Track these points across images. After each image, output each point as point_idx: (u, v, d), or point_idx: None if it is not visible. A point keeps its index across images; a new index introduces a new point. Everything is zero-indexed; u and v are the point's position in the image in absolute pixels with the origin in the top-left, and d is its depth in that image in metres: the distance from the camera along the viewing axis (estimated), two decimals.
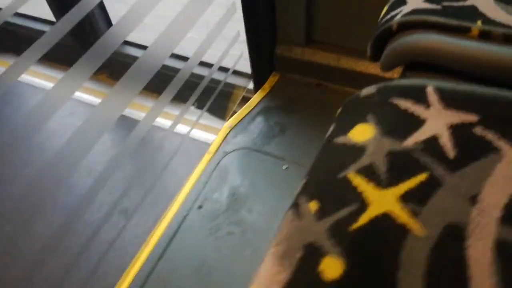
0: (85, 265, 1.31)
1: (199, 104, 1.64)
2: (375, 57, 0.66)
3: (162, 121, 1.76)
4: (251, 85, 1.89)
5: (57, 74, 2.39)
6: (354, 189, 0.40)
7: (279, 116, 1.67)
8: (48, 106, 1.26)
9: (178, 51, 1.87)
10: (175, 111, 1.78)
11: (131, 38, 2.16)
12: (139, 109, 1.78)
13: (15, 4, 1.01)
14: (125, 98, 1.14)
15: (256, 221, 1.39)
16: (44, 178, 1.03)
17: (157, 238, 1.36)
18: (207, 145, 1.75)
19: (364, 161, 0.42)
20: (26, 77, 2.36)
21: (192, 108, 1.86)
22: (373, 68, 1.58)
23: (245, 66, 1.86)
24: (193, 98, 1.49)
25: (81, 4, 1.16)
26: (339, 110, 0.54)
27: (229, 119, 1.70)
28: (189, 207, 1.43)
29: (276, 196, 1.44)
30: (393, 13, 0.62)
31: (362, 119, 0.46)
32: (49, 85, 2.36)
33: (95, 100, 2.18)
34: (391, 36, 0.61)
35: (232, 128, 1.64)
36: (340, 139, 0.46)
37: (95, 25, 2.13)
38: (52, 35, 1.07)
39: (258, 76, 1.80)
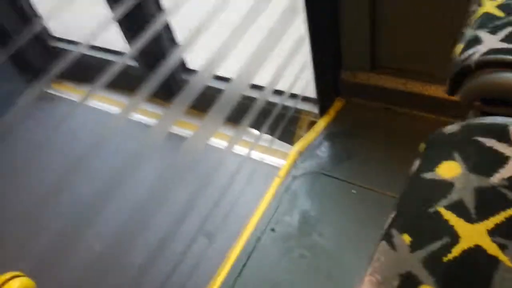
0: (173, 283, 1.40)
1: (269, 130, 1.72)
2: (452, 91, 0.70)
3: (238, 147, 1.85)
4: (316, 110, 1.94)
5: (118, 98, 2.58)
6: (445, 223, 0.44)
7: (346, 140, 1.71)
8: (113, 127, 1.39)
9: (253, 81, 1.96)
10: (248, 138, 1.87)
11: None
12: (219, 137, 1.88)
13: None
14: (212, 128, 1.24)
15: (327, 245, 1.42)
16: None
17: (234, 259, 1.44)
18: (276, 168, 1.82)
19: (453, 196, 0.46)
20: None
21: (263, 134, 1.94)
22: (441, 92, 1.58)
23: (311, 92, 1.92)
24: (266, 124, 1.57)
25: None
26: (422, 146, 0.58)
27: (296, 143, 1.76)
28: (263, 230, 1.50)
29: (346, 220, 1.47)
30: (470, 51, 0.65)
31: (448, 156, 0.51)
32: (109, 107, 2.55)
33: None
34: (469, 74, 0.65)
35: (300, 153, 1.70)
36: (429, 175, 0.50)
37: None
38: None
39: (323, 101, 1.85)
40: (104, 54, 2.70)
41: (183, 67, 2.28)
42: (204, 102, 1.33)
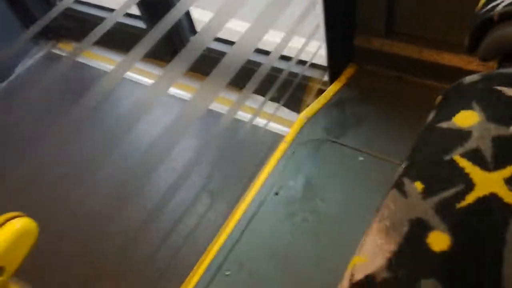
0: (174, 240, 1.42)
1: (275, 97, 1.69)
2: (472, 48, 0.66)
3: (242, 114, 1.83)
4: (325, 78, 1.90)
5: (151, 69, 2.54)
6: (460, 170, 0.42)
7: (356, 107, 1.68)
8: (148, 100, 1.38)
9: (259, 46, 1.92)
10: (253, 104, 1.84)
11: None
12: (222, 102, 1.86)
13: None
14: (212, 92, 1.21)
15: (330, 210, 1.41)
16: (141, 164, 1.14)
17: (235, 221, 1.44)
18: (281, 136, 1.80)
19: (470, 145, 0.44)
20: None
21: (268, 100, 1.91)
22: (457, 61, 1.53)
23: (320, 59, 1.88)
24: (271, 91, 1.54)
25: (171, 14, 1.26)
26: (439, 98, 0.55)
27: (304, 110, 1.73)
28: (266, 193, 1.49)
29: (351, 187, 1.46)
30: (493, 3, 0.62)
31: (466, 105, 0.48)
32: (142, 79, 2.51)
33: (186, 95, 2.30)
34: (491, 27, 0.61)
35: (308, 119, 1.67)
36: (444, 124, 0.48)
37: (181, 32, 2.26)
38: (151, 36, 1.17)
39: (335, 67, 1.81)
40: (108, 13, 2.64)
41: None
42: (206, 63, 1.28)
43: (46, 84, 2.63)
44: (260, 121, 1.89)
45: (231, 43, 1.95)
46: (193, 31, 2.35)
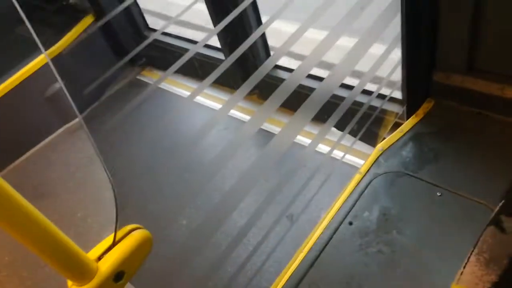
0: (253, 262, 1.49)
1: (351, 129, 1.74)
2: None
3: (321, 145, 1.88)
4: (402, 111, 1.92)
5: (216, 94, 2.72)
6: None
7: (434, 142, 1.68)
8: (211, 121, 1.49)
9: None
10: (330, 136, 1.89)
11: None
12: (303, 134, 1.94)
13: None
14: (299, 127, 1.30)
15: (406, 243, 1.42)
16: (230, 194, 1.24)
17: (310, 246, 1.49)
18: (355, 167, 1.84)
19: None
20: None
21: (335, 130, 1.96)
22: None
23: (397, 92, 1.90)
24: (351, 124, 1.59)
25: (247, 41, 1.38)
26: None
27: (379, 143, 1.77)
28: (340, 222, 1.53)
29: (428, 221, 1.45)
30: None
31: None
32: (209, 102, 2.70)
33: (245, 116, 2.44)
34: None
35: (383, 151, 1.70)
36: None
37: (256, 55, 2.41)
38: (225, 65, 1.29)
39: (412, 102, 1.83)
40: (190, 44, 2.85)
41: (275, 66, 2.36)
42: (294, 100, 1.37)
43: (131, 106, 2.88)
44: (334, 152, 1.94)
45: (320, 79, 2.03)
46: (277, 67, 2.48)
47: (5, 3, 3.22)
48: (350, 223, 1.52)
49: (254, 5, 2.24)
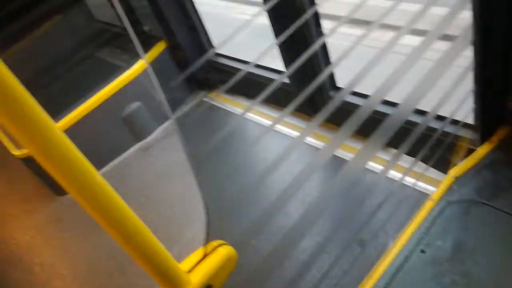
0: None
1: (422, 155, 1.71)
2: None
3: (378, 167, 1.87)
4: (476, 137, 1.87)
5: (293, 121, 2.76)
6: None
7: (509, 170, 1.62)
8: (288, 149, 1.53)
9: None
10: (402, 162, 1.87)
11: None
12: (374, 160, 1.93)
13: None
14: (372, 153, 1.31)
15: (482, 275, 1.37)
16: (300, 222, 1.27)
17: (380, 273, 1.47)
18: (426, 194, 1.80)
19: None
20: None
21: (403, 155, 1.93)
22: None
23: (471, 118, 1.85)
24: (423, 151, 1.57)
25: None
26: None
27: (451, 169, 1.72)
28: (411, 250, 1.51)
29: (506, 253, 1.40)
30: None
31: None
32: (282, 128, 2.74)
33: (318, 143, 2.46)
34: None
35: (456, 179, 1.66)
36: None
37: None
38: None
39: (486, 128, 1.78)
40: (261, 70, 2.93)
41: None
42: (366, 125, 1.38)
43: (200, 125, 3.02)
44: (399, 176, 1.91)
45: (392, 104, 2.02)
46: (334, 86, 2.50)
47: (88, 30, 3.54)
48: (423, 251, 1.50)
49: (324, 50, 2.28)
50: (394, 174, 1.91)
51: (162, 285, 0.79)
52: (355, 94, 2.37)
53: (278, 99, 2.14)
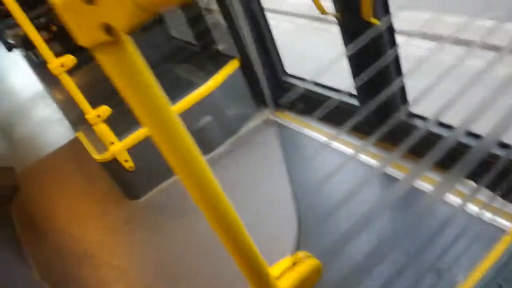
0: None
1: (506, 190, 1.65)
2: None
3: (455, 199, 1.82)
4: None
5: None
6: None
7: None
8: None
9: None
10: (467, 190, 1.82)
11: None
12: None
13: None
14: (451, 185, 1.29)
15: None
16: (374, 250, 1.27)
17: None
18: (500, 229, 1.73)
19: None
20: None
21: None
22: None
23: None
24: (504, 184, 1.52)
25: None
26: None
27: None
28: (488, 283, 1.46)
29: None
30: None
31: None
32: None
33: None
34: None
35: None
36: None
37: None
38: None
39: None
40: (327, 91, 2.96)
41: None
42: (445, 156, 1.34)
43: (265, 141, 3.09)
44: (476, 210, 1.85)
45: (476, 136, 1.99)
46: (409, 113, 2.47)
47: (167, 47, 3.77)
48: (500, 286, 1.44)
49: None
50: (471, 207, 1.85)
51: (252, 285, 0.84)
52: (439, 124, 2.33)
53: (356, 127, 2.15)
